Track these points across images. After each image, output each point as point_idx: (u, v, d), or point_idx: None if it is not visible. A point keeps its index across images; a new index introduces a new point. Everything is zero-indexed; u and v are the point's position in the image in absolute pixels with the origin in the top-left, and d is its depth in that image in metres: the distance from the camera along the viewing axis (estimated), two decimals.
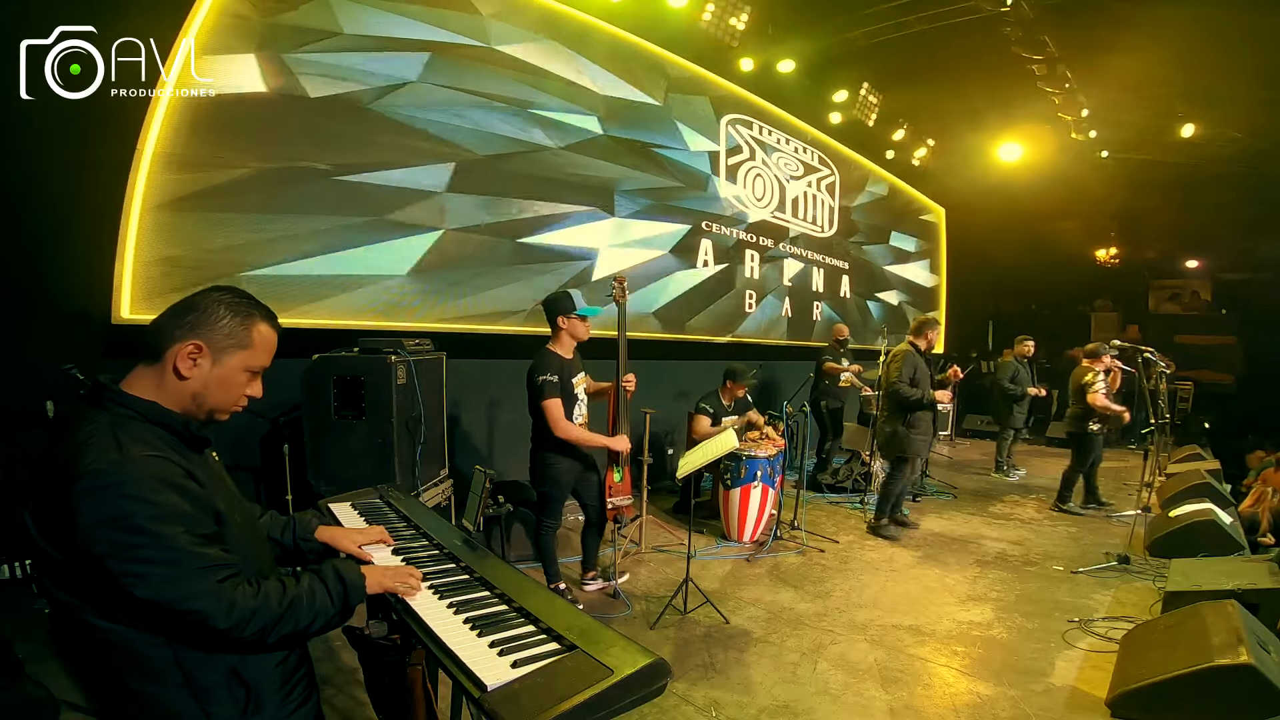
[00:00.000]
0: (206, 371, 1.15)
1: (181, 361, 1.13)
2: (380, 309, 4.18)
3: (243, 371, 1.20)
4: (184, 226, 3.44)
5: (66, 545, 1.01)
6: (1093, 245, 12.48)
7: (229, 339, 1.17)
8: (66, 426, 1.10)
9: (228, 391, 1.20)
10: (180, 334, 1.14)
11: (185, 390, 1.15)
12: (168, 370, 1.14)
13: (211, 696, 1.12)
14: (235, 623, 1.07)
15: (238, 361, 1.18)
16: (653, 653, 1.16)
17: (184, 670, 1.09)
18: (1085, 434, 5.57)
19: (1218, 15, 5.77)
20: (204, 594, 1.05)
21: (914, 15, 6.40)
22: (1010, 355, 7.29)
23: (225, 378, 1.18)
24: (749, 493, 4.57)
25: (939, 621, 3.42)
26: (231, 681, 1.13)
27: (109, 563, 0.99)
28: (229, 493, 1.25)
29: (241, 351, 1.18)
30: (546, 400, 3.16)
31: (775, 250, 7.64)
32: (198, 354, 1.14)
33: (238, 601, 1.08)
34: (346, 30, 3.96)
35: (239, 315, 1.18)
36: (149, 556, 1.01)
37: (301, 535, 1.52)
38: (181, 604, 1.03)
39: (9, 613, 2.74)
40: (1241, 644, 2.36)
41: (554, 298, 3.32)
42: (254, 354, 1.20)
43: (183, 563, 1.03)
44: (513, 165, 4.87)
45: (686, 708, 2.58)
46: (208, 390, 1.17)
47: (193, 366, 1.14)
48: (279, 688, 1.20)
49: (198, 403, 1.17)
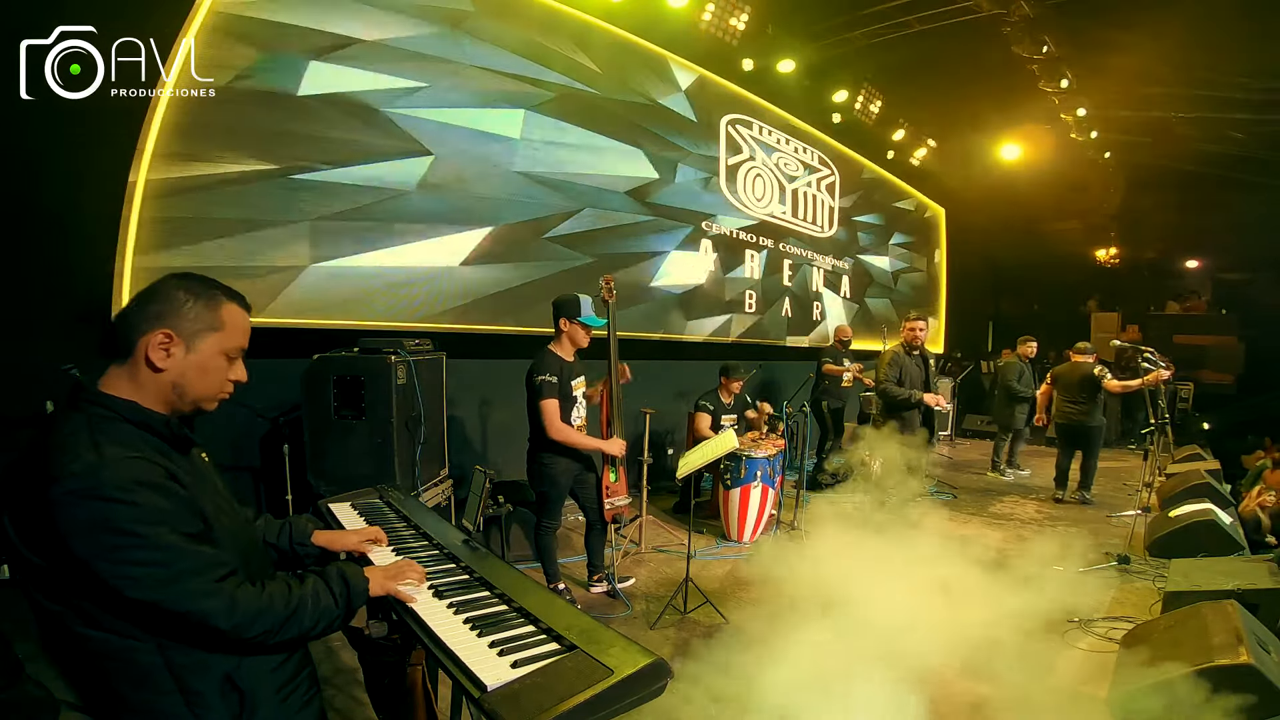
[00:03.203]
0: (181, 359, 1.11)
1: (153, 352, 1.09)
2: (380, 310, 4.19)
3: (219, 355, 1.16)
4: (184, 226, 3.44)
5: (48, 551, 0.98)
6: (1093, 245, 12.48)
7: (198, 323, 1.12)
8: (44, 429, 1.07)
9: (208, 378, 1.15)
10: (147, 325, 1.09)
11: (163, 382, 1.11)
12: (140, 364, 1.10)
13: (204, 702, 1.09)
14: (238, 622, 1.05)
15: (212, 345, 1.14)
16: (653, 653, 1.16)
17: (175, 676, 1.06)
18: (1100, 425, 5.84)
19: (1217, 15, 5.77)
20: (201, 593, 1.03)
21: (914, 15, 6.41)
22: (1013, 356, 7.27)
23: (202, 364, 1.14)
24: (749, 493, 4.57)
25: (939, 621, 3.41)
26: (225, 687, 1.10)
27: (96, 565, 0.97)
28: (217, 494, 1.21)
29: (214, 334, 1.14)
30: (544, 400, 3.16)
31: (775, 250, 7.64)
32: (169, 343, 1.10)
33: (239, 601, 1.06)
34: (347, 31, 3.96)
35: (203, 298, 1.13)
36: (138, 558, 0.98)
37: (298, 540, 1.50)
38: (178, 604, 1.01)
39: (9, 613, 2.74)
40: (1241, 644, 2.36)
41: (563, 300, 3.31)
42: (227, 335, 1.16)
43: (175, 562, 1.01)
44: (513, 165, 4.88)
45: (687, 708, 2.57)
46: (186, 379, 1.12)
47: (166, 356, 1.10)
48: (275, 692, 1.17)
49: (179, 394, 1.13)
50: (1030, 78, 7.06)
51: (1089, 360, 5.83)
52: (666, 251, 6.15)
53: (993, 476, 7.07)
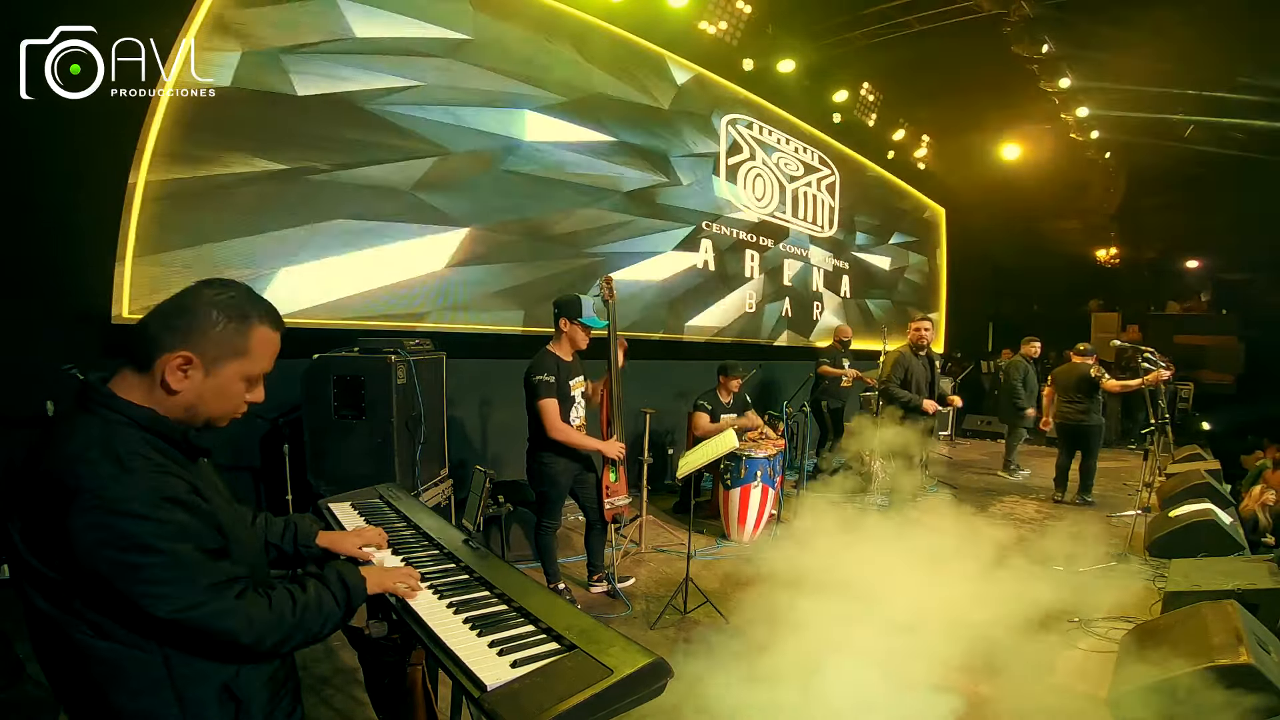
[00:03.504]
0: (199, 384, 1.05)
1: (170, 375, 1.03)
2: (380, 310, 4.19)
3: (240, 380, 1.10)
4: (184, 226, 3.44)
5: (64, 565, 0.94)
6: (1093, 245, 12.48)
7: (223, 348, 1.06)
8: (53, 433, 1.01)
9: (224, 402, 1.10)
10: (171, 341, 1.03)
11: (177, 403, 1.06)
12: (156, 383, 1.05)
13: (201, 713, 1.07)
14: (258, 637, 1.05)
15: (234, 370, 1.08)
16: (653, 653, 1.16)
17: (175, 686, 1.05)
18: (1099, 425, 5.86)
19: (1217, 15, 5.77)
20: (226, 612, 1.02)
21: (914, 15, 6.42)
22: (1016, 355, 7.25)
23: (220, 388, 1.08)
24: (749, 493, 4.57)
25: (939, 621, 3.41)
26: (223, 696, 1.09)
27: (120, 584, 0.94)
28: (226, 501, 1.20)
29: (238, 360, 1.08)
30: (542, 400, 3.15)
31: (775, 250, 7.64)
32: (188, 366, 1.04)
33: (254, 616, 1.05)
34: (347, 31, 3.96)
35: (234, 319, 1.07)
36: (163, 577, 0.96)
37: (303, 542, 1.50)
38: (204, 622, 1.00)
39: (9, 613, 2.74)
40: (1241, 644, 2.36)
41: (564, 300, 3.30)
42: (252, 361, 1.10)
43: (200, 580, 0.99)
44: (513, 165, 4.88)
45: (686, 708, 2.57)
46: (202, 401, 1.08)
47: (183, 379, 1.04)
48: (267, 700, 1.17)
49: (191, 414, 1.09)
50: (1030, 78, 7.06)
51: (1087, 361, 5.88)
52: (666, 251, 6.16)
53: (1004, 475, 7.07)
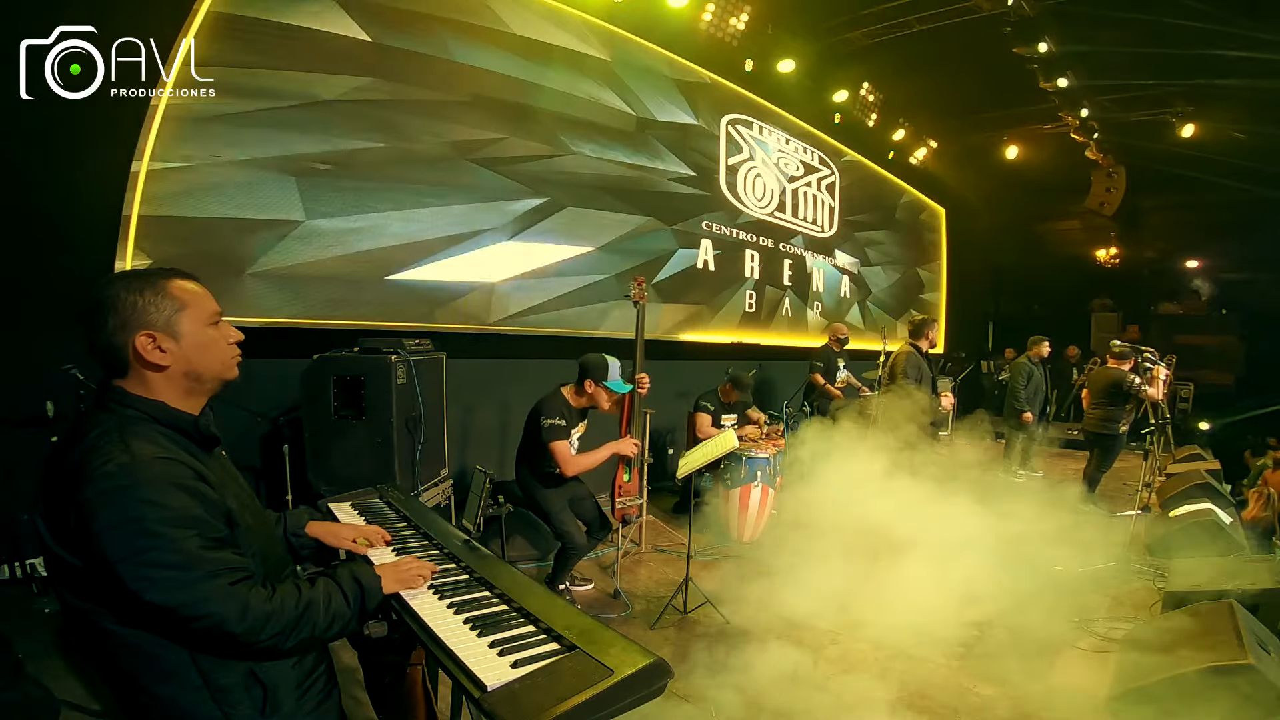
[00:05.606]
0: (177, 348, 1.11)
1: (148, 355, 1.09)
2: (378, 309, 4.19)
3: (205, 326, 1.15)
4: (184, 226, 3.44)
5: (81, 550, 0.99)
6: (1093, 245, 12.48)
7: (162, 310, 1.11)
8: (74, 430, 1.08)
9: (212, 350, 1.16)
10: (123, 338, 1.08)
11: (175, 376, 1.12)
12: (143, 372, 1.10)
13: (230, 698, 1.10)
14: (250, 626, 1.06)
15: (190, 322, 1.13)
16: (653, 653, 1.16)
17: (202, 672, 1.08)
18: (1115, 435, 5.65)
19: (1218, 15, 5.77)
20: (216, 597, 1.03)
21: (914, 15, 6.41)
22: (1022, 356, 7.11)
23: (197, 341, 1.13)
24: (749, 493, 4.56)
25: (939, 621, 3.41)
26: (249, 682, 1.12)
27: (120, 567, 0.98)
28: (240, 491, 1.23)
29: (185, 311, 1.12)
30: (554, 444, 3.16)
31: (775, 250, 7.63)
32: (154, 340, 1.09)
33: (251, 605, 1.07)
34: (346, 30, 3.96)
35: (145, 289, 1.11)
36: (159, 560, 0.99)
37: (293, 530, 1.50)
38: (192, 608, 1.02)
39: (9, 613, 2.74)
40: (1241, 644, 2.36)
41: (593, 362, 3.24)
42: (197, 307, 1.14)
43: (194, 566, 1.02)
44: (513, 164, 4.88)
45: (687, 708, 2.57)
46: (194, 362, 1.13)
47: (162, 353, 1.09)
48: (296, 686, 1.19)
49: (196, 379, 1.14)
50: (1030, 77, 7.06)
51: (1122, 366, 5.46)
52: (665, 251, 6.15)
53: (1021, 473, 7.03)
